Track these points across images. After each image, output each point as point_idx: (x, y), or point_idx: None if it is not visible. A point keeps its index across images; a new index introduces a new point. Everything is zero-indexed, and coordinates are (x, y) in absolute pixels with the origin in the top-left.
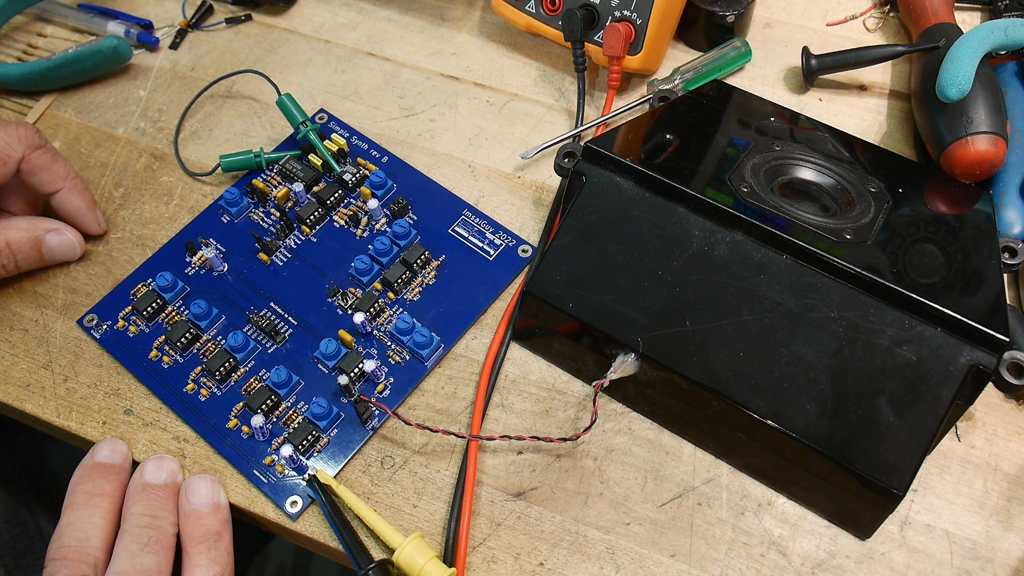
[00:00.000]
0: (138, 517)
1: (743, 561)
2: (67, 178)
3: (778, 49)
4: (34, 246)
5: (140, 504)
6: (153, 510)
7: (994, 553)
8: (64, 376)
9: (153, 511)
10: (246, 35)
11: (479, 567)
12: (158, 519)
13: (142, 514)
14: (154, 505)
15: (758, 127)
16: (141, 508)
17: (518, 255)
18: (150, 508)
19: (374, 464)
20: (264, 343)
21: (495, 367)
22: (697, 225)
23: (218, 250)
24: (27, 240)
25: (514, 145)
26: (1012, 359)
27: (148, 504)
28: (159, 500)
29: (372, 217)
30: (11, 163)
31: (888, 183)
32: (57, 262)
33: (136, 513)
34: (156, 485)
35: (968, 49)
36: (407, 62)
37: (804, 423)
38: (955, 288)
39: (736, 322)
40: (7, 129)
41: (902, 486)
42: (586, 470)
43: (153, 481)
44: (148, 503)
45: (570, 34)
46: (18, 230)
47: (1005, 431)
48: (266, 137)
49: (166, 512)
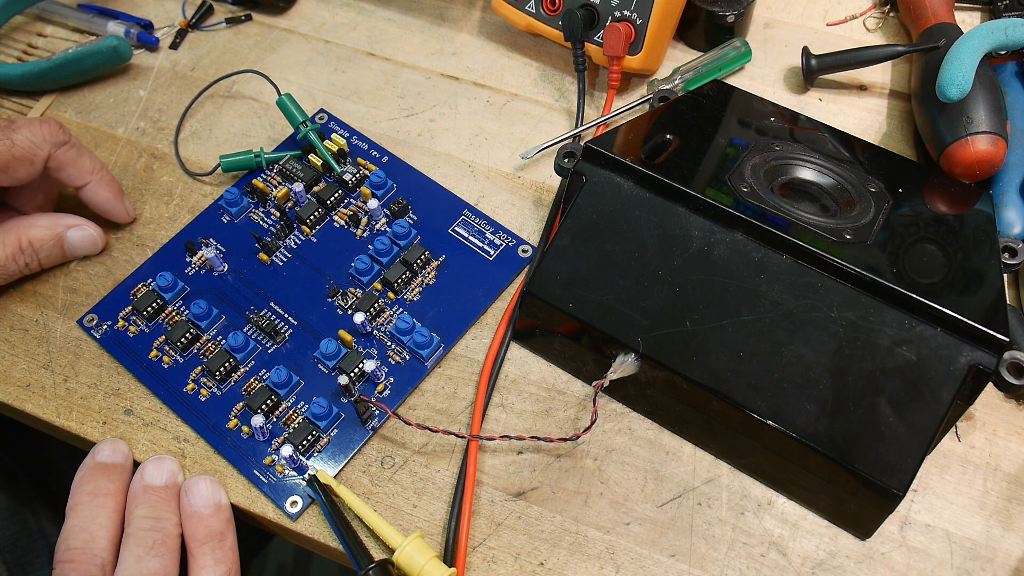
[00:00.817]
0: (141, 520)
1: (743, 561)
2: (94, 171)
3: (778, 49)
4: (56, 243)
5: (143, 507)
6: (156, 512)
7: (994, 553)
8: (64, 376)
9: (156, 513)
10: (246, 35)
11: (479, 567)
12: (161, 521)
13: (145, 517)
14: (157, 507)
15: (758, 127)
16: (144, 511)
17: (518, 255)
18: (153, 511)
19: (374, 464)
20: (264, 343)
21: (495, 367)
22: (697, 225)
23: (218, 250)
24: (49, 238)
25: (514, 145)
26: (1012, 359)
27: (151, 507)
28: (161, 502)
29: (372, 217)
30: (38, 162)
31: (888, 183)
32: (79, 257)
33: (139, 516)
34: (157, 487)
35: (968, 49)
36: (407, 62)
37: (804, 423)
38: (955, 288)
39: (736, 322)
40: (32, 128)
41: (902, 486)
42: (586, 470)
43: (154, 483)
44: (151, 506)
45: (570, 34)
46: (40, 228)
47: (1005, 431)
48: (266, 137)
49: (169, 514)
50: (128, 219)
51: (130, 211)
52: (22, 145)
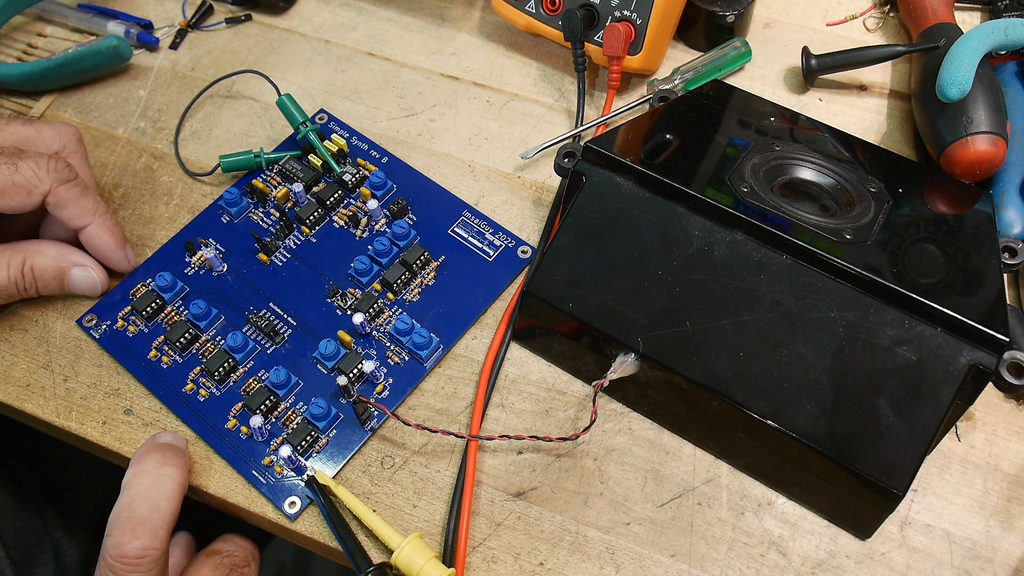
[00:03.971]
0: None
1: (743, 561)
2: (96, 213)
3: (778, 49)
4: (57, 276)
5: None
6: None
7: (994, 553)
8: (64, 376)
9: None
10: (246, 35)
11: (479, 567)
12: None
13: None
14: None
15: (758, 127)
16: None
17: (518, 256)
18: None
19: (374, 464)
20: (263, 343)
21: (495, 367)
22: (697, 225)
23: (218, 250)
24: (52, 269)
25: (514, 145)
26: (1012, 359)
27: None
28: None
29: (372, 217)
30: (36, 195)
31: (888, 183)
32: (76, 294)
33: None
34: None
35: (968, 49)
36: (407, 62)
37: (804, 423)
38: (955, 288)
39: (736, 322)
40: (38, 161)
41: (902, 486)
42: (586, 470)
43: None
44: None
45: (570, 34)
46: (46, 257)
47: (1005, 431)
48: (266, 137)
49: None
50: (128, 268)
51: (131, 259)
52: (24, 174)
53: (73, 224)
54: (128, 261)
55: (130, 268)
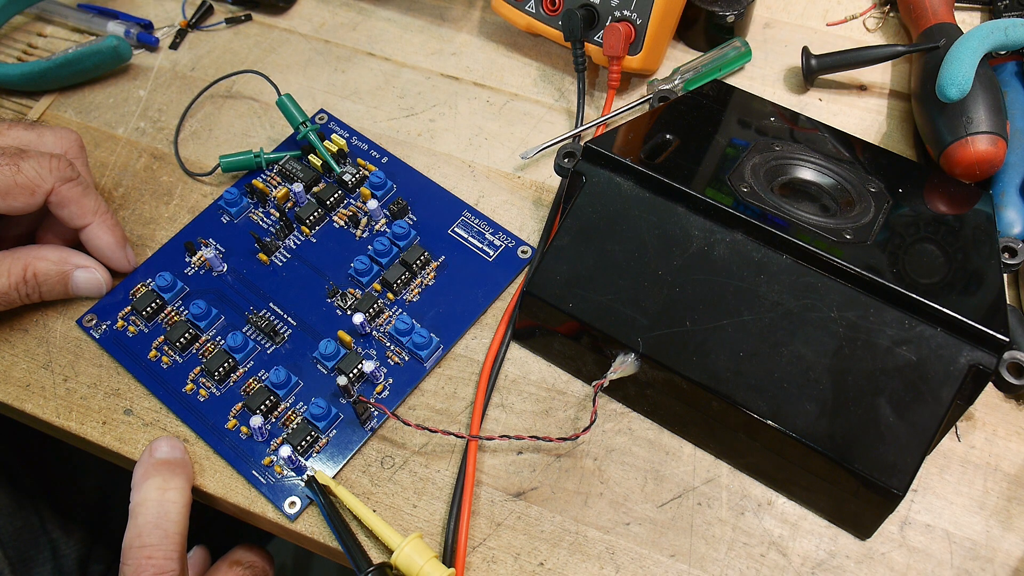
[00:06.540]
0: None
1: (743, 561)
2: (97, 213)
3: (778, 49)
4: (61, 280)
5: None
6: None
7: (994, 553)
8: (64, 376)
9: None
10: (246, 35)
11: (479, 567)
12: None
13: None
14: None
15: (758, 127)
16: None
17: (518, 256)
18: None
19: (374, 464)
20: (263, 343)
21: (495, 367)
22: (697, 225)
23: (218, 250)
24: (55, 273)
25: (514, 145)
26: (1012, 359)
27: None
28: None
29: (372, 218)
30: (39, 194)
31: (888, 183)
32: (81, 297)
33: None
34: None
35: (968, 49)
36: (407, 62)
37: (804, 423)
38: (955, 288)
39: (736, 322)
40: (40, 160)
41: (902, 486)
42: (586, 470)
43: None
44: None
45: (570, 34)
46: (48, 262)
47: (1005, 431)
48: (266, 137)
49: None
50: (128, 268)
51: (131, 259)
52: (27, 174)
53: (74, 223)
54: (128, 261)
55: (130, 268)
